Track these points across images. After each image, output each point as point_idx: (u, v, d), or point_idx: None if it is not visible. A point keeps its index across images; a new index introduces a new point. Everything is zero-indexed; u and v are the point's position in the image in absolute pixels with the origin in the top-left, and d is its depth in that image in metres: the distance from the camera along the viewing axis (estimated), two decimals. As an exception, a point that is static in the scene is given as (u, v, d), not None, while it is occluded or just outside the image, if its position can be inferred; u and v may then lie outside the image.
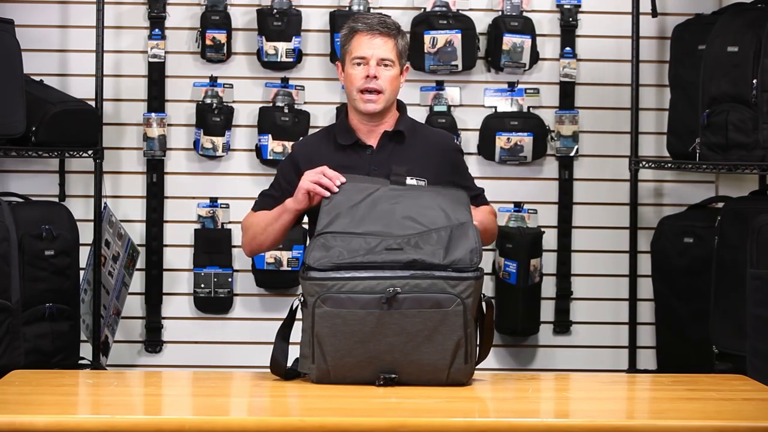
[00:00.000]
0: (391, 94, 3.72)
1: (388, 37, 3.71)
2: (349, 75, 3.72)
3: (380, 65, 3.69)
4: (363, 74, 3.69)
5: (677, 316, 5.00)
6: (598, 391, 3.44)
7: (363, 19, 3.76)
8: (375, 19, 3.75)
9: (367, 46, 3.70)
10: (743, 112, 4.54)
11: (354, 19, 3.79)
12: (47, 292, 4.65)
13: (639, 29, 5.16)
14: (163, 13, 5.29)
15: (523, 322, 5.29)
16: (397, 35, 3.74)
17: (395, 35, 3.73)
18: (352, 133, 3.75)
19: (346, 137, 3.75)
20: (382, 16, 3.80)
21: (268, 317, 5.25)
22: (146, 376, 3.90)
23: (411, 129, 3.78)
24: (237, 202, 5.31)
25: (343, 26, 3.80)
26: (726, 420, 2.98)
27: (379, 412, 3.04)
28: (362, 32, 3.71)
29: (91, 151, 5.02)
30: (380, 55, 3.69)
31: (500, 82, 5.36)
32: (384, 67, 3.69)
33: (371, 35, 3.70)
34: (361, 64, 3.70)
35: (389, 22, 3.76)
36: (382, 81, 3.68)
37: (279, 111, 5.25)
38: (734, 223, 4.57)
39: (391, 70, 3.70)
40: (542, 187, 5.39)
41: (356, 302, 3.23)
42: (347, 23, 3.79)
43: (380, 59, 3.69)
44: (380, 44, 3.70)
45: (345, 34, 3.76)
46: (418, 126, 3.84)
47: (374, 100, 3.69)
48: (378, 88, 3.68)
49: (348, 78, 3.73)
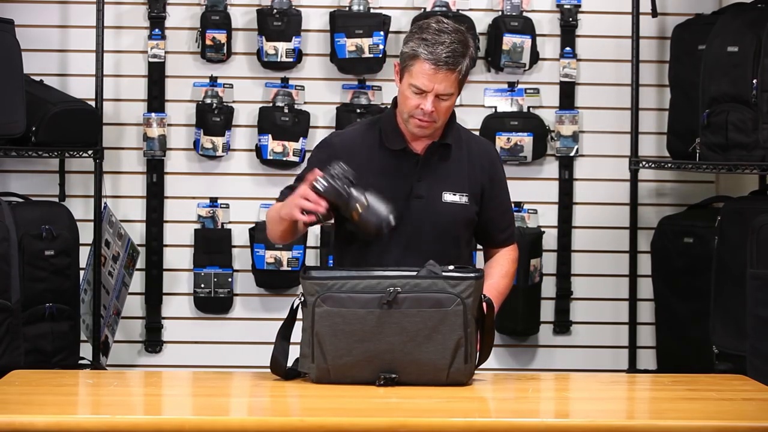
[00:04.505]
0: (445, 120, 3.57)
1: (453, 72, 3.47)
2: (404, 95, 3.53)
3: (438, 98, 3.50)
4: (418, 104, 3.50)
5: (677, 316, 5.00)
6: (598, 391, 3.44)
7: (430, 44, 3.46)
8: (443, 50, 3.46)
9: (428, 79, 3.47)
10: (743, 112, 4.54)
11: (421, 37, 3.49)
12: (47, 292, 4.65)
13: (639, 29, 5.16)
14: (163, 13, 5.29)
15: (523, 322, 5.29)
16: (463, 61, 3.48)
17: (460, 63, 3.48)
18: (401, 138, 3.60)
19: (394, 141, 3.60)
20: (452, 41, 3.48)
21: (268, 317, 5.25)
22: (146, 376, 3.90)
23: (457, 140, 3.64)
24: (237, 202, 5.31)
25: (410, 31, 3.55)
26: (726, 420, 2.98)
27: (379, 412, 3.04)
28: (426, 62, 3.47)
29: (91, 151, 5.02)
30: (440, 90, 3.49)
31: (500, 82, 5.36)
32: (442, 100, 3.51)
33: (435, 69, 3.46)
34: (418, 94, 3.50)
35: (458, 50, 3.48)
36: (436, 113, 3.52)
37: (279, 111, 5.25)
38: (734, 223, 4.56)
39: (449, 101, 3.53)
40: (542, 187, 5.39)
41: (356, 301, 3.22)
42: (414, 34, 3.51)
43: (439, 93, 3.50)
44: (442, 79, 3.47)
45: (408, 53, 3.50)
46: (464, 135, 3.69)
47: (426, 127, 3.54)
48: (431, 120, 3.53)
49: (402, 95, 3.54)
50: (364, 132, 3.66)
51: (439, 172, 3.60)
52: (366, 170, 3.54)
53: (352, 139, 3.65)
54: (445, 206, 3.59)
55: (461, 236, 3.64)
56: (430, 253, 3.41)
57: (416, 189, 3.59)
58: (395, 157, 3.60)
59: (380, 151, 3.61)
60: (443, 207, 3.59)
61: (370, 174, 3.54)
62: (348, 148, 3.61)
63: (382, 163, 3.59)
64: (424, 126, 3.53)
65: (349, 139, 3.66)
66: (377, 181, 3.53)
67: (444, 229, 3.59)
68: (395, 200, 3.51)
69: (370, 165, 3.57)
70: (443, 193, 3.60)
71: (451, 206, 3.60)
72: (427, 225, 3.57)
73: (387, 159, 3.60)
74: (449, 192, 3.61)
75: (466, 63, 3.51)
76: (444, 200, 3.59)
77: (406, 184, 3.58)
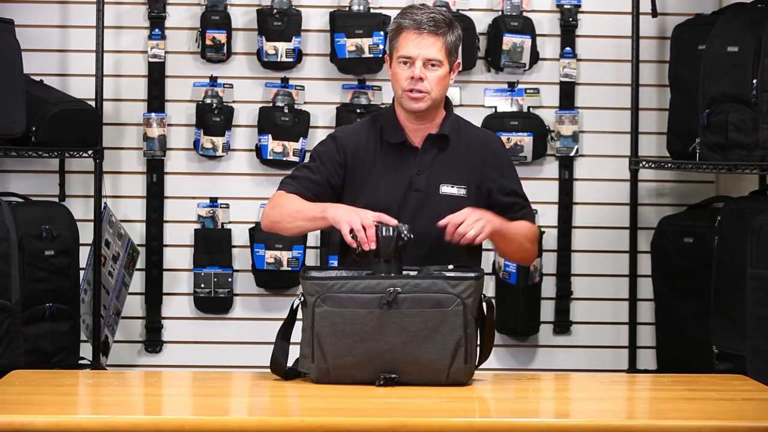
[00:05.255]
0: (439, 94, 3.59)
1: (437, 35, 3.55)
2: (395, 73, 3.59)
3: (427, 66, 3.55)
4: (408, 75, 3.55)
5: (677, 316, 5.00)
6: (598, 391, 3.44)
7: (411, 14, 3.58)
8: (424, 15, 3.57)
9: (414, 45, 3.55)
10: (743, 112, 4.53)
11: (402, 13, 3.61)
12: (47, 292, 4.65)
13: (639, 29, 5.16)
14: (163, 13, 5.29)
15: (523, 322, 5.29)
16: (447, 32, 3.56)
17: (445, 32, 3.56)
18: (400, 131, 3.64)
19: (393, 135, 3.64)
20: (432, 11, 3.61)
21: (268, 317, 5.25)
22: (146, 376, 3.90)
23: (456, 131, 3.66)
24: (237, 202, 5.31)
25: (392, 19, 3.65)
26: (726, 420, 2.98)
27: (379, 412, 3.04)
28: (409, 30, 3.55)
29: (91, 151, 5.02)
30: (427, 55, 3.54)
31: (500, 82, 5.36)
32: (431, 68, 3.55)
33: (418, 34, 3.55)
34: (407, 64, 3.56)
35: (439, 18, 3.57)
36: (428, 82, 3.55)
37: (279, 111, 5.25)
38: (734, 223, 4.56)
39: (439, 70, 3.56)
40: (542, 187, 5.39)
41: (356, 302, 3.23)
42: (395, 17, 3.63)
43: (427, 59, 3.55)
44: (427, 44, 3.55)
45: (392, 29, 3.60)
46: (463, 126, 3.71)
47: (420, 98, 3.57)
48: (424, 89, 3.56)
49: (394, 76, 3.60)
50: (368, 129, 3.69)
51: (437, 165, 3.63)
52: (368, 164, 3.61)
53: (356, 134, 3.69)
54: (442, 199, 3.61)
55: None
56: (430, 246, 3.43)
57: (415, 182, 3.61)
58: (395, 151, 3.64)
59: (381, 145, 3.64)
60: (440, 199, 3.60)
61: (372, 168, 3.61)
62: (354, 145, 3.65)
63: (383, 157, 3.62)
64: (417, 98, 3.57)
65: (353, 134, 3.70)
66: (378, 175, 3.60)
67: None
68: (395, 193, 3.58)
69: (371, 159, 3.62)
70: (441, 186, 3.62)
71: (449, 199, 3.61)
72: (424, 217, 3.58)
73: (387, 153, 3.64)
74: (447, 184, 3.62)
75: (451, 37, 3.58)
76: (441, 192, 3.61)
77: (405, 177, 3.61)
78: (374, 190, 3.59)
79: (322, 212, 3.49)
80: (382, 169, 3.61)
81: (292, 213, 3.56)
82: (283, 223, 3.58)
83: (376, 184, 3.60)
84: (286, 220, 3.57)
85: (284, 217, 3.58)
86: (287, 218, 3.57)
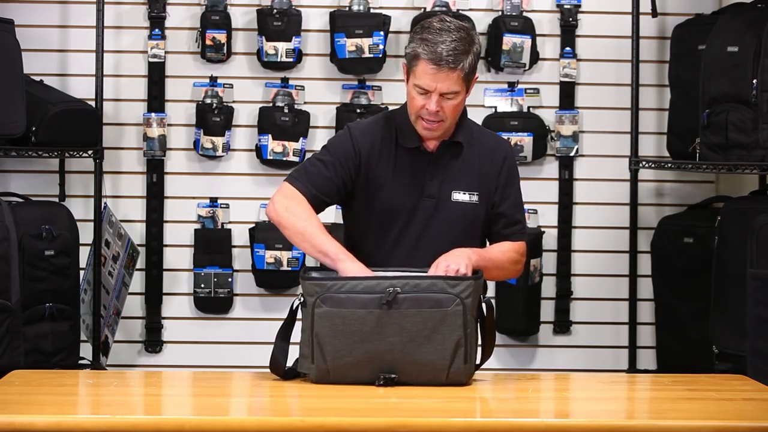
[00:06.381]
0: (453, 119, 3.54)
1: (455, 70, 3.45)
2: (410, 96, 3.52)
3: (443, 97, 3.49)
4: (423, 104, 3.49)
5: (677, 316, 5.00)
6: (598, 391, 3.44)
7: (431, 43, 3.44)
8: (444, 47, 3.44)
9: (431, 79, 3.45)
10: (743, 112, 4.54)
11: (422, 38, 3.47)
12: (47, 292, 4.65)
13: (639, 29, 5.16)
14: (163, 13, 5.29)
15: (523, 322, 5.29)
16: (466, 58, 3.46)
17: (463, 60, 3.45)
18: (414, 136, 3.58)
19: (409, 139, 3.58)
20: (453, 37, 3.46)
21: (268, 317, 5.25)
22: (146, 376, 3.90)
23: (469, 138, 3.62)
24: (237, 202, 5.31)
25: (413, 30, 3.55)
26: (726, 420, 2.98)
27: (379, 412, 3.04)
28: (428, 62, 3.45)
29: (91, 151, 5.02)
30: (443, 90, 3.47)
31: (500, 82, 5.36)
32: (447, 99, 3.49)
33: (437, 69, 3.44)
34: (423, 94, 3.49)
35: (459, 48, 3.45)
36: (442, 112, 3.50)
37: (279, 111, 5.25)
38: (734, 223, 4.56)
39: (455, 100, 3.50)
40: (542, 187, 5.39)
41: (356, 302, 3.23)
42: (416, 35, 3.50)
43: (444, 93, 3.48)
44: (445, 78, 3.45)
45: (410, 53, 3.50)
46: (476, 132, 3.67)
47: (433, 128, 3.53)
48: (438, 119, 3.51)
49: (409, 97, 3.54)
50: (382, 128, 3.63)
51: (450, 171, 3.60)
52: (383, 166, 3.58)
53: (372, 133, 3.62)
54: (453, 205, 3.59)
55: (471, 236, 3.61)
56: (440, 252, 3.42)
57: (427, 188, 3.58)
58: (409, 155, 3.60)
59: (396, 147, 3.60)
60: (452, 206, 3.58)
61: (386, 170, 3.57)
62: (369, 144, 3.59)
63: (398, 160, 3.59)
64: (431, 128, 3.52)
65: (370, 132, 3.62)
66: (393, 178, 3.57)
67: (452, 229, 3.58)
68: (408, 198, 3.55)
69: (386, 161, 3.58)
70: (453, 193, 3.59)
71: (460, 205, 3.59)
72: (435, 224, 3.57)
73: (402, 156, 3.59)
74: (459, 191, 3.60)
75: (469, 60, 3.48)
76: (453, 199, 3.59)
77: (418, 182, 3.58)
78: (388, 193, 3.57)
79: (334, 259, 3.40)
80: (397, 173, 3.58)
81: (304, 233, 3.47)
82: (290, 232, 3.49)
83: (391, 187, 3.56)
84: (295, 233, 3.49)
85: (295, 230, 3.48)
86: (297, 234, 3.48)
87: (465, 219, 3.58)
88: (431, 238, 3.55)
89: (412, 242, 3.57)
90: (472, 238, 3.61)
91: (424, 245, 3.55)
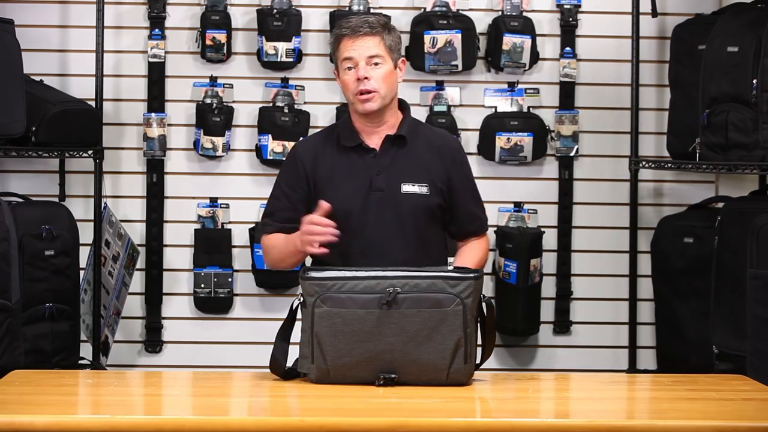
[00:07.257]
0: (388, 90, 3.71)
1: (373, 35, 3.70)
2: (343, 81, 3.74)
3: (370, 64, 3.68)
4: (354, 77, 3.68)
5: (677, 316, 5.00)
6: (598, 391, 3.44)
7: (346, 22, 3.76)
8: (358, 20, 3.74)
9: (353, 47, 3.69)
10: (743, 112, 4.53)
11: (338, 25, 3.80)
12: (47, 292, 4.65)
13: (639, 29, 5.16)
14: (163, 13, 5.29)
15: (523, 322, 5.29)
16: (383, 31, 3.73)
17: (380, 31, 3.72)
18: (355, 135, 3.75)
19: (349, 139, 3.75)
20: (366, 15, 3.81)
21: (268, 317, 5.25)
22: (146, 376, 3.90)
23: (413, 132, 3.77)
24: (237, 202, 5.31)
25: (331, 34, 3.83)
26: (726, 420, 2.98)
27: (379, 412, 3.04)
28: (347, 36, 3.71)
29: (91, 151, 5.01)
30: (367, 53, 3.69)
31: (500, 82, 5.36)
32: (374, 66, 3.69)
33: (355, 37, 3.69)
34: (352, 68, 3.69)
35: (372, 20, 3.74)
36: (374, 80, 3.68)
37: (279, 111, 5.25)
38: (734, 223, 4.56)
39: (383, 67, 3.70)
40: (542, 187, 5.39)
41: (356, 302, 3.23)
42: (333, 31, 3.79)
43: (368, 57, 3.68)
44: (365, 44, 3.69)
45: (332, 41, 3.78)
46: (420, 128, 3.83)
47: (370, 98, 3.68)
48: (371, 88, 3.68)
49: (343, 84, 3.75)
50: (324, 137, 3.82)
51: (396, 165, 3.71)
52: (327, 170, 3.72)
53: (313, 145, 3.82)
54: (404, 197, 3.69)
55: (425, 227, 3.72)
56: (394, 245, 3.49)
57: (375, 182, 3.69)
58: (353, 154, 3.73)
59: (339, 150, 3.74)
60: (402, 198, 3.69)
61: (330, 173, 3.72)
62: (310, 154, 3.77)
63: (341, 161, 3.72)
64: (367, 98, 3.67)
65: (311, 145, 3.83)
66: (338, 179, 3.70)
67: (405, 220, 3.69)
68: (356, 195, 3.67)
69: (330, 165, 3.72)
70: (402, 184, 3.70)
71: (411, 197, 3.70)
72: (388, 217, 3.68)
73: (346, 157, 3.73)
74: (408, 183, 3.70)
75: (389, 35, 3.72)
76: (403, 191, 3.69)
77: (365, 178, 3.69)
78: (335, 194, 3.68)
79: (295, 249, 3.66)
80: (341, 173, 3.71)
81: (280, 256, 3.77)
82: (280, 265, 3.81)
83: (337, 187, 3.70)
84: (279, 264, 3.80)
85: (277, 261, 3.80)
86: (279, 263, 3.80)
87: (418, 210, 3.70)
88: (387, 231, 3.64)
89: (368, 237, 3.66)
90: (429, 232, 3.70)
91: (381, 240, 3.64)
